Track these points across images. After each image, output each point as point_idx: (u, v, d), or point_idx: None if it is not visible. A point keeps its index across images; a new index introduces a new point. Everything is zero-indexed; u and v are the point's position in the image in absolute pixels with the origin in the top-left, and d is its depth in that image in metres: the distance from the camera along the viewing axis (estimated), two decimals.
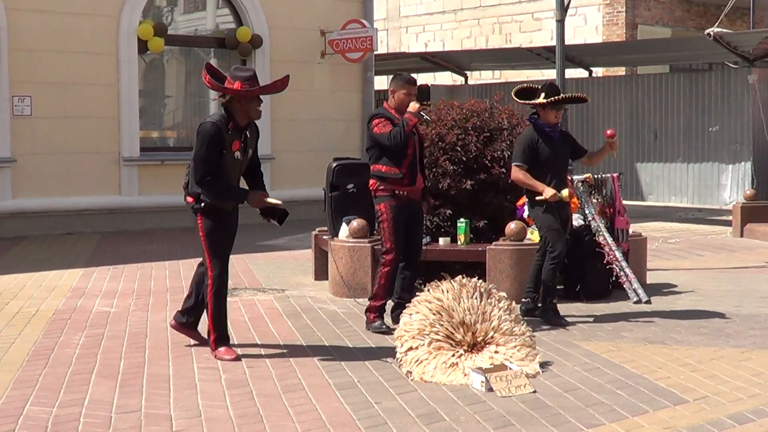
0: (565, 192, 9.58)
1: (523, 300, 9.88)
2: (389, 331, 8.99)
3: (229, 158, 8.16)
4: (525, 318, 9.49)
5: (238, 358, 8.15)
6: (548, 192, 9.47)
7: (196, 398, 7.03)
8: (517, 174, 9.68)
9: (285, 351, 8.50)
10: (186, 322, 8.68)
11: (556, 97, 9.69)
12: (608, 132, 9.88)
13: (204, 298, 8.39)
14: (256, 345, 8.70)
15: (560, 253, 9.57)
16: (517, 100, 10.00)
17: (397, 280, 9.41)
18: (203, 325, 8.56)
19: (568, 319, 9.77)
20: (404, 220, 9.26)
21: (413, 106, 9.12)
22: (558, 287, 10.96)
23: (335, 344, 8.75)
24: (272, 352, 8.46)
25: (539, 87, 9.89)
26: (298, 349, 8.58)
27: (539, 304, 9.73)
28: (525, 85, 10.19)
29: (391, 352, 8.17)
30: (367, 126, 9.39)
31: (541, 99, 9.69)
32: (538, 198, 9.53)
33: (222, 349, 8.24)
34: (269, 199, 8.34)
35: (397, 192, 9.22)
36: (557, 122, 9.81)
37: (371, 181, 9.35)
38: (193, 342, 8.65)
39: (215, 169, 8.10)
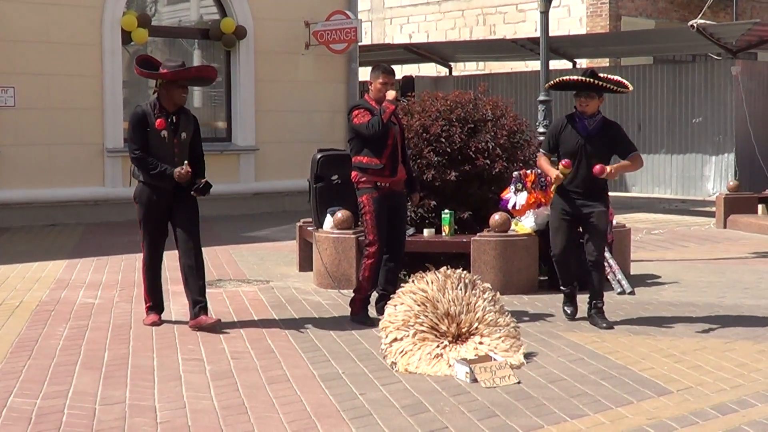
0: (560, 165, 9.11)
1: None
2: (374, 323, 8.99)
3: (154, 136, 8.87)
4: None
5: (155, 324, 9.13)
6: (551, 174, 9.24)
7: (181, 390, 7.03)
8: (539, 160, 9.53)
9: (269, 342, 8.49)
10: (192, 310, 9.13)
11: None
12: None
13: (191, 281, 9.08)
14: (240, 336, 8.69)
15: (555, 255, 9.43)
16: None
17: (381, 272, 9.42)
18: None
19: (553, 310, 9.80)
20: (387, 211, 9.27)
21: (390, 94, 9.14)
22: (542, 278, 11.01)
23: (320, 335, 8.75)
24: (257, 343, 8.46)
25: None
26: (283, 340, 8.58)
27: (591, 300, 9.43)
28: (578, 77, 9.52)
29: (375, 343, 8.17)
30: (348, 117, 9.42)
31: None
32: (552, 189, 9.43)
33: (151, 315, 9.27)
34: (185, 169, 8.81)
35: (379, 183, 9.22)
36: (584, 111, 9.19)
37: (353, 173, 9.37)
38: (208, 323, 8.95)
39: (143, 147, 8.86)
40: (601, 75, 9.31)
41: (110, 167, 18.37)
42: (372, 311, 9.41)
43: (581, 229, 9.36)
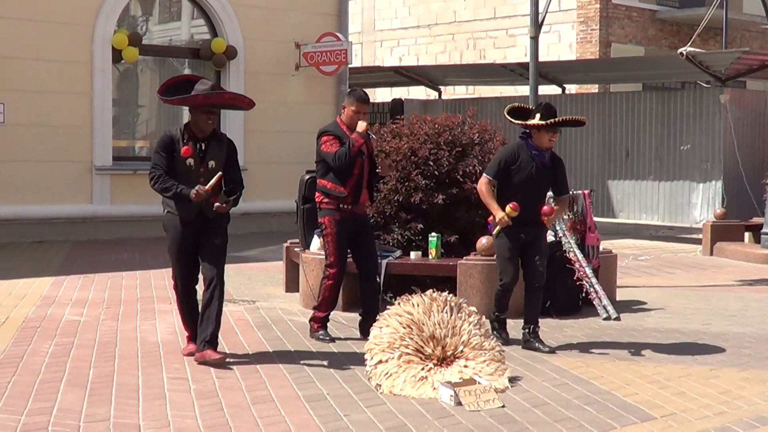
0: (507, 208, 8.98)
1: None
2: (333, 341, 9.34)
3: (179, 162, 8.35)
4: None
5: (191, 354, 8.52)
6: (498, 215, 9.03)
7: (165, 408, 7.02)
8: (481, 186, 9.27)
9: (255, 362, 8.49)
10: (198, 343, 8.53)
11: (553, 120, 9.10)
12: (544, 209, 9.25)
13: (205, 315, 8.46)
14: (226, 356, 8.67)
15: (507, 283, 9.33)
16: (510, 119, 9.40)
17: (361, 296, 9.55)
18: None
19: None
20: (350, 233, 9.36)
21: (361, 125, 9.17)
22: None
23: (305, 356, 8.75)
24: (242, 363, 8.46)
25: (533, 108, 9.49)
26: (268, 360, 8.58)
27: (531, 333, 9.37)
28: (518, 104, 9.66)
29: (360, 364, 8.17)
30: (317, 141, 9.43)
31: (537, 120, 9.14)
32: (495, 231, 9.19)
33: (190, 345, 8.71)
34: (207, 187, 8.21)
35: (341, 206, 9.30)
36: (550, 146, 9.26)
37: (317, 194, 9.45)
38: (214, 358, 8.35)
39: (166, 172, 8.33)
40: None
41: (98, 185, 18.36)
42: (359, 331, 9.46)
43: (523, 252, 9.33)
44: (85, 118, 18.23)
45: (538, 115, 9.21)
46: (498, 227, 9.14)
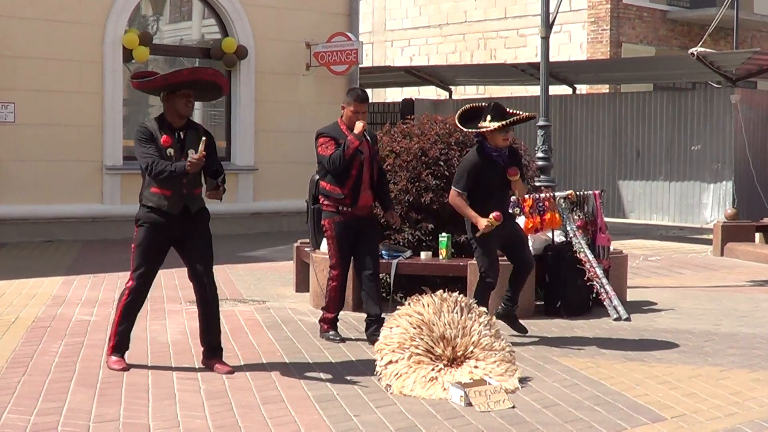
0: (491, 218, 8.97)
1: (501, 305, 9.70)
2: (343, 341, 9.32)
3: (161, 153, 8.06)
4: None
5: (125, 369, 8.08)
6: (482, 223, 9.01)
7: (175, 408, 7.02)
8: (455, 200, 9.27)
9: (264, 362, 8.49)
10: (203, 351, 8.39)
11: (505, 122, 9.09)
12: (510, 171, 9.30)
13: (209, 316, 8.28)
14: (235, 356, 8.69)
15: (492, 280, 9.33)
16: (460, 127, 9.44)
17: (363, 300, 9.56)
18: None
19: (548, 335, 9.79)
20: (352, 234, 9.36)
21: (358, 126, 9.12)
22: (538, 303, 11.02)
23: (315, 356, 8.75)
24: (252, 363, 8.46)
25: (482, 107, 9.41)
26: (278, 360, 8.58)
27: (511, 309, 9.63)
28: (469, 105, 9.56)
29: (370, 365, 8.17)
30: (315, 142, 9.44)
31: (488, 124, 9.14)
32: (478, 234, 9.16)
33: (114, 357, 8.23)
34: (198, 154, 7.89)
35: (341, 208, 9.31)
36: (507, 144, 9.27)
37: (320, 197, 9.52)
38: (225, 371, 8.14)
39: (158, 159, 8.03)
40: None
41: (109, 184, 18.39)
42: (361, 332, 9.47)
43: (505, 246, 9.45)
44: (95, 118, 18.27)
45: (489, 117, 9.22)
46: (482, 232, 9.12)
